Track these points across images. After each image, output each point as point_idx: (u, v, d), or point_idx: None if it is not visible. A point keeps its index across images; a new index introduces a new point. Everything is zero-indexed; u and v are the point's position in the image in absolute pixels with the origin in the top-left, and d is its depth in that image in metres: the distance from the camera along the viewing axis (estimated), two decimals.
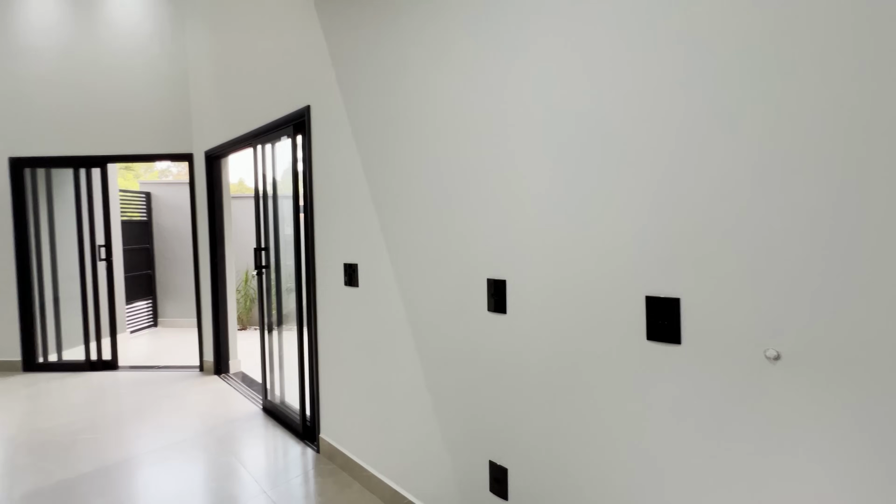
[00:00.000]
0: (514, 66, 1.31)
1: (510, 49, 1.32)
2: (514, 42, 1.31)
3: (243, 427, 2.75)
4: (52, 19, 3.77)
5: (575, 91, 1.18)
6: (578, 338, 1.21)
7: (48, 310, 4.00)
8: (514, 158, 1.33)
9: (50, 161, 3.85)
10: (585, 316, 1.19)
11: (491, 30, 1.37)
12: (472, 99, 1.44)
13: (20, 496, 2.05)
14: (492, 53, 1.37)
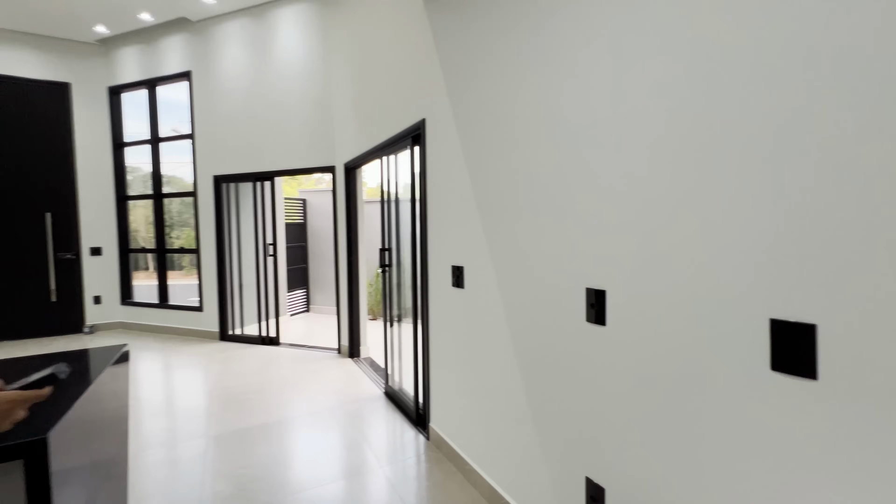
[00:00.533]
0: (632, 71, 1.24)
1: (630, 55, 1.25)
2: (634, 48, 1.24)
3: (368, 407, 3.12)
4: (240, 66, 4.77)
5: (694, 91, 1.07)
6: (686, 360, 1.09)
7: (235, 293, 5.10)
8: (620, 166, 1.26)
9: (237, 177, 4.90)
10: (695, 336, 1.07)
11: (610, 36, 1.31)
12: (576, 106, 1.40)
13: (213, 436, 2.69)
14: (609, 60, 1.31)
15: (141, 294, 5.78)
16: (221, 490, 2.13)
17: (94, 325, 5.54)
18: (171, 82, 5.28)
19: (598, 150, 1.32)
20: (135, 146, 5.62)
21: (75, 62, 5.38)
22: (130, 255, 5.78)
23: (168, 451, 2.53)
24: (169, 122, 5.50)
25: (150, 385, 3.67)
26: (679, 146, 1.09)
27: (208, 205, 5.07)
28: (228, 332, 5.05)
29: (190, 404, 3.27)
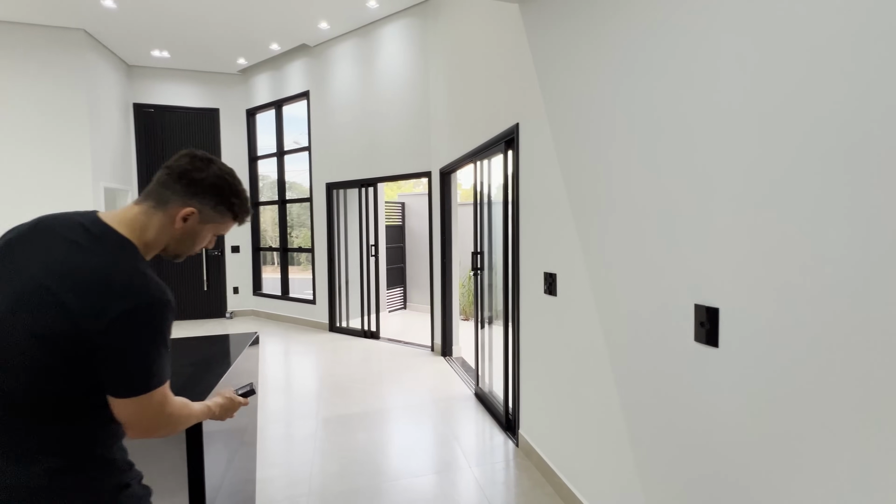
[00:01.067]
0: (767, 63, 1.10)
1: (755, 48, 1.12)
2: (758, 36, 1.10)
3: (458, 406, 3.20)
4: (349, 83, 5.24)
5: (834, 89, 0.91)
6: (818, 403, 0.92)
7: (342, 289, 5.61)
8: (738, 173, 1.12)
9: (346, 184, 5.38)
10: (839, 375, 0.90)
11: (723, 27, 1.19)
12: (687, 104, 1.28)
13: (322, 418, 3.00)
14: (729, 54, 1.18)
15: (267, 286, 6.69)
16: (328, 468, 2.37)
17: (233, 311, 6.55)
18: (294, 102, 6.01)
19: (713, 153, 1.19)
20: (265, 159, 6.52)
21: (222, 91, 6.42)
22: (260, 253, 6.71)
23: (286, 427, 2.90)
24: (291, 136, 6.27)
25: (273, 367, 4.23)
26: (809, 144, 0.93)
27: (321, 209, 5.65)
28: (336, 324, 5.57)
29: (304, 387, 3.70)
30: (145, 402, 0.78)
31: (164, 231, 0.87)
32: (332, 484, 2.22)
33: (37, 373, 0.73)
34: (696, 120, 1.23)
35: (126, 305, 0.74)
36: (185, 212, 0.88)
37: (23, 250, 0.78)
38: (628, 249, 1.54)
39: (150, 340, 0.77)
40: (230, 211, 0.95)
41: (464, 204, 5.37)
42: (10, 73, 4.72)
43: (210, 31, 5.05)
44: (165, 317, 0.80)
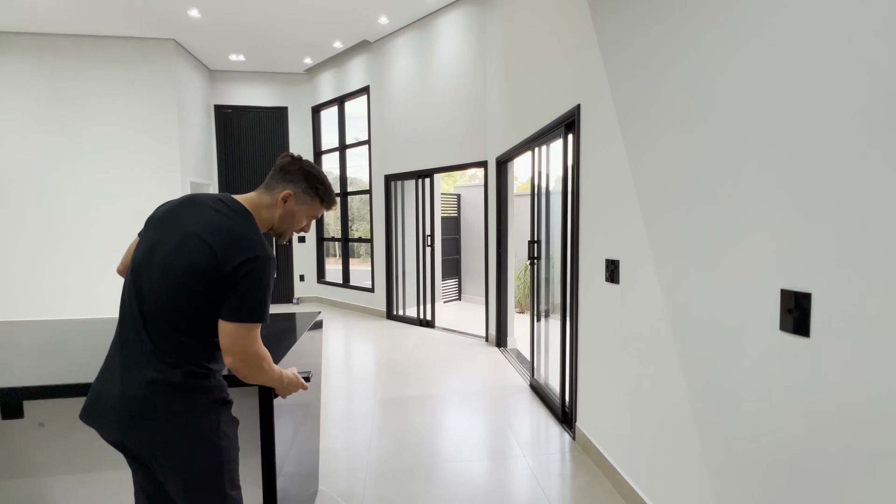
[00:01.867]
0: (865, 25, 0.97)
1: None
2: None
3: (513, 396, 3.17)
4: (407, 76, 5.33)
5: None
6: None
7: (399, 279, 5.76)
8: (837, 141, 0.99)
9: (403, 175, 5.50)
10: None
11: None
12: (772, 78, 1.15)
13: (379, 399, 3.12)
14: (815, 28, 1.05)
15: (330, 276, 7.05)
16: (385, 446, 2.46)
17: (300, 297, 6.99)
18: (355, 97, 6.23)
19: (799, 128, 1.06)
20: (329, 153, 6.84)
21: (290, 90, 6.82)
22: (324, 243, 7.08)
23: (347, 405, 3.05)
24: (352, 132, 6.52)
25: (335, 349, 4.46)
26: None
27: (380, 200, 5.83)
28: (393, 312, 5.75)
29: (363, 370, 3.86)
30: (244, 330, 1.02)
31: (272, 210, 1.16)
32: (389, 460, 2.31)
33: (190, 297, 1.00)
34: (780, 97, 1.10)
35: (249, 255, 1.02)
36: (285, 194, 1.15)
37: (183, 213, 1.08)
38: (701, 232, 1.42)
39: (258, 283, 1.03)
40: (317, 195, 1.21)
41: (519, 195, 5.27)
42: (109, 81, 5.35)
43: (280, 34, 5.37)
44: (272, 269, 1.06)
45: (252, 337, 1.05)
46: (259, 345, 1.07)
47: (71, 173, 5.32)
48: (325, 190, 1.23)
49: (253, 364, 1.07)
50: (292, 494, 1.57)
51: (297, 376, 1.27)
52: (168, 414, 1.02)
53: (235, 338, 1.02)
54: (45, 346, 1.70)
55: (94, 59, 5.32)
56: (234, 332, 1.02)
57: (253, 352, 1.05)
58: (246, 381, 1.11)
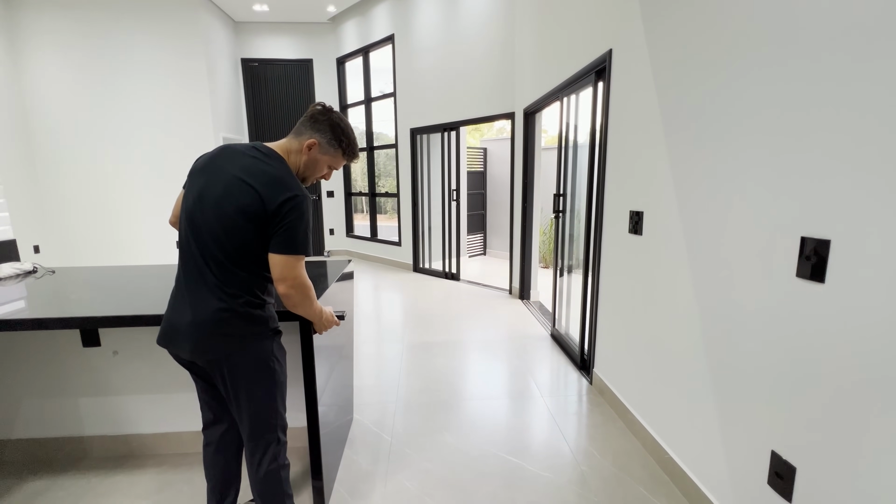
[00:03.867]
0: None
1: None
2: None
3: (534, 345, 3.30)
4: (433, 23, 5.13)
5: None
6: None
7: (425, 233, 5.87)
8: (859, 90, 0.95)
9: (429, 129, 5.45)
10: None
11: None
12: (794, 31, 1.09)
13: (407, 343, 3.32)
14: None
15: (358, 230, 7.24)
16: (413, 384, 2.66)
17: (330, 250, 7.26)
18: (379, 47, 6.08)
19: (835, 74, 1.01)
20: (354, 107, 6.80)
21: (315, 41, 6.71)
22: (352, 198, 7.22)
23: (377, 348, 3.27)
24: (377, 85, 6.42)
25: (364, 299, 4.69)
26: None
27: (406, 154, 5.84)
28: (419, 265, 5.91)
29: (391, 317, 4.07)
30: (292, 261, 1.15)
31: (299, 156, 1.24)
32: (416, 396, 2.51)
33: (243, 234, 1.13)
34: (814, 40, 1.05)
35: (289, 194, 1.13)
36: (310, 142, 1.23)
37: (222, 161, 1.18)
38: (728, 181, 1.41)
39: (300, 219, 1.14)
40: (340, 146, 1.27)
41: (546, 148, 5.15)
42: (140, 35, 5.42)
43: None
44: (309, 207, 1.17)
45: (300, 267, 1.17)
46: (305, 275, 1.20)
47: (110, 130, 5.56)
48: (349, 143, 1.28)
49: (301, 291, 1.19)
50: (330, 420, 1.76)
51: (332, 314, 1.41)
52: (232, 337, 1.17)
53: (286, 268, 1.14)
54: (114, 286, 1.91)
55: (127, 12, 5.37)
56: (284, 263, 1.14)
57: (301, 280, 1.18)
58: (294, 310, 1.25)
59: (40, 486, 1.78)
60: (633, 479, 1.80)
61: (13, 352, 1.86)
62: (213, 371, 1.21)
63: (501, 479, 1.81)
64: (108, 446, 1.95)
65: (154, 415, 1.95)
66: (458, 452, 1.99)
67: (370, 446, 2.04)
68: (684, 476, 1.69)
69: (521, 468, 1.88)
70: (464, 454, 1.98)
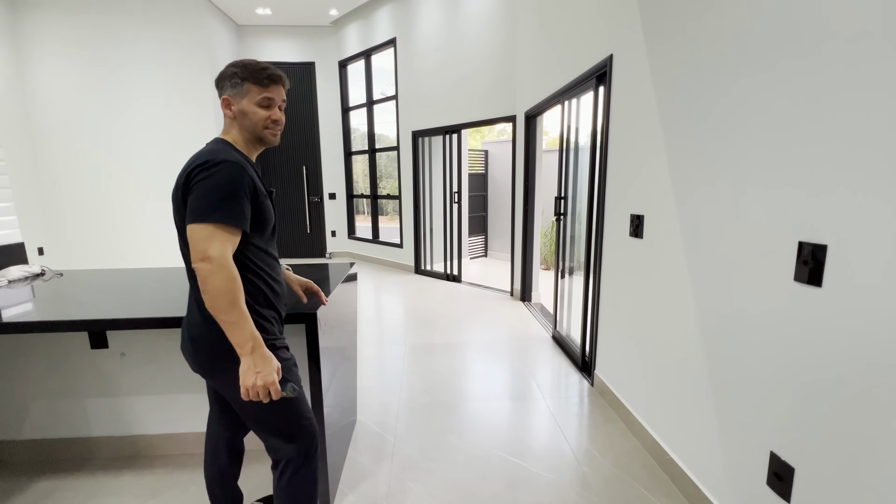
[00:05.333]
0: None
1: None
2: None
3: (535, 346, 3.32)
4: (434, 26, 5.16)
5: None
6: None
7: (427, 235, 5.90)
8: (858, 97, 0.98)
9: (430, 132, 5.48)
10: None
11: None
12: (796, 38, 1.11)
13: (409, 344, 3.34)
14: None
15: (360, 232, 7.27)
16: (415, 385, 2.69)
17: (331, 252, 7.29)
18: (381, 50, 6.12)
19: (835, 82, 1.04)
20: (356, 109, 6.84)
21: (317, 44, 6.75)
22: (353, 200, 7.25)
23: (379, 349, 3.29)
24: (379, 87, 6.45)
25: (366, 301, 4.72)
26: None
27: (408, 157, 5.87)
28: (421, 266, 5.94)
29: (393, 319, 4.10)
30: (199, 231, 0.98)
31: (232, 123, 1.14)
32: (418, 397, 2.53)
33: (180, 229, 1.07)
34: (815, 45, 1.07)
35: (199, 161, 1.03)
36: (221, 101, 1.14)
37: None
38: (727, 186, 1.44)
39: (208, 180, 1.00)
40: (240, 78, 1.11)
41: (548, 150, 5.17)
42: (145, 38, 5.46)
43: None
44: (226, 171, 1.01)
45: (211, 240, 0.97)
46: (214, 245, 0.97)
47: (114, 132, 5.60)
48: (246, 69, 1.11)
49: (211, 274, 0.96)
50: (335, 421, 1.79)
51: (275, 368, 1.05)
52: (214, 354, 1.07)
53: (193, 240, 0.98)
54: (121, 288, 1.93)
55: (130, 16, 5.41)
56: (191, 235, 0.98)
57: (210, 255, 0.96)
58: (206, 297, 0.99)
59: (49, 486, 1.80)
60: (633, 480, 1.82)
61: (22, 353, 1.89)
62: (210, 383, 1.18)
63: (503, 480, 1.83)
64: (116, 447, 1.98)
65: (160, 416, 1.98)
66: (461, 453, 2.01)
67: (374, 447, 2.06)
68: (684, 476, 1.70)
69: (523, 469, 1.90)
70: (466, 455, 2.00)
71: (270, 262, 1.18)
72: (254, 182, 1.07)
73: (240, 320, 1.00)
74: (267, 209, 1.13)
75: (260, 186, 1.10)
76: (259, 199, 1.09)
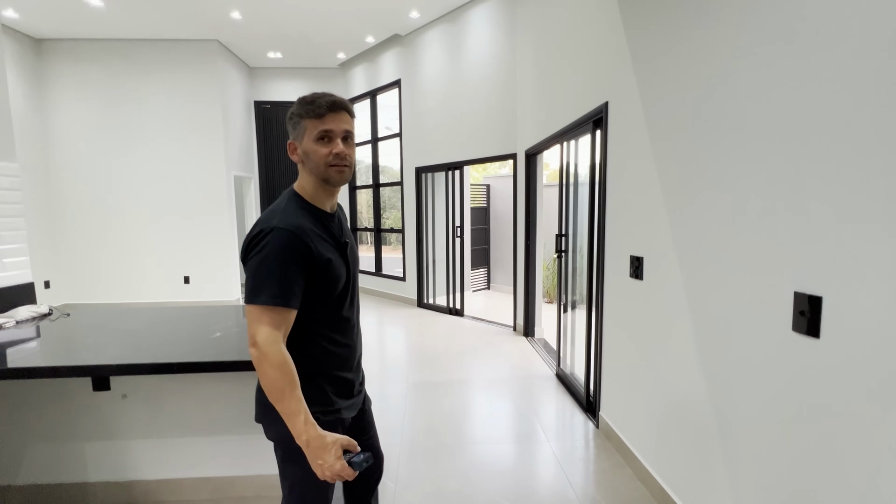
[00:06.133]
0: None
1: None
2: None
3: (539, 385, 3.27)
4: (438, 68, 5.39)
5: None
6: None
7: (429, 268, 5.93)
8: (850, 152, 1.02)
9: (433, 168, 5.62)
10: None
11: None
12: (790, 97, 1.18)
13: (412, 382, 3.30)
14: None
15: (362, 264, 7.31)
16: (417, 424, 2.64)
17: None
18: (386, 91, 6.36)
19: (823, 139, 1.09)
20: (361, 146, 7.04)
21: (324, 85, 7.03)
22: (357, 233, 7.33)
23: (381, 387, 3.25)
24: (384, 123, 6.67)
25: (368, 335, 4.70)
26: None
27: (411, 192, 5.98)
28: (423, 300, 5.93)
29: (395, 355, 4.07)
30: (247, 311, 0.94)
31: (302, 171, 1.08)
32: (420, 440, 2.48)
33: None
34: (810, 110, 1.13)
35: (253, 233, 0.97)
36: (289, 147, 1.09)
37: None
38: (724, 235, 1.47)
39: (255, 256, 0.94)
40: (301, 117, 1.03)
41: (549, 185, 5.27)
42: (160, 82, 5.73)
43: (315, 30, 5.55)
44: (275, 240, 0.93)
45: (257, 323, 0.91)
46: (262, 329, 0.91)
47: (128, 169, 5.77)
48: (303, 103, 1.03)
49: (256, 359, 0.92)
50: None
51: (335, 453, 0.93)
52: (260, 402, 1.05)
53: (247, 320, 0.94)
54: (127, 330, 1.95)
55: (147, 61, 5.70)
56: (246, 314, 0.95)
57: (255, 341, 0.91)
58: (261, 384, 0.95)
59: None
60: None
61: (23, 396, 1.89)
62: None
63: None
64: (111, 492, 1.94)
65: (157, 460, 1.95)
66: (464, 498, 1.95)
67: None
68: None
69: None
70: (470, 501, 1.94)
71: (340, 324, 1.08)
72: (309, 248, 0.97)
73: (292, 410, 0.92)
74: (331, 272, 1.01)
75: (318, 250, 0.99)
76: (319, 265, 0.98)
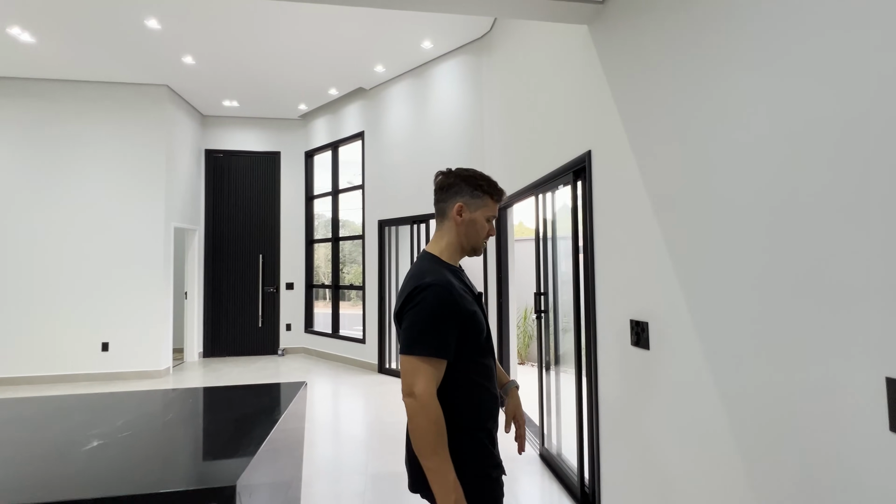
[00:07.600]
0: None
1: None
2: None
3: (521, 469, 2.81)
4: (402, 122, 5.30)
5: None
6: None
7: (392, 329, 5.44)
8: None
9: (397, 221, 5.34)
10: None
11: None
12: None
13: (371, 474, 2.74)
14: None
15: (318, 322, 6.67)
16: None
17: (285, 348, 6.57)
18: (349, 143, 6.18)
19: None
20: (321, 198, 6.70)
21: (284, 135, 6.78)
22: (313, 290, 6.77)
23: (333, 483, 2.66)
24: (345, 176, 6.42)
25: (321, 411, 4.06)
26: None
27: (373, 246, 5.62)
28: (385, 365, 5.37)
29: (352, 436, 3.47)
30: (404, 363, 1.03)
31: (452, 231, 1.18)
32: None
33: None
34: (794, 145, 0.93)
35: (410, 288, 1.07)
36: (457, 207, 1.17)
37: None
38: (761, 294, 1.21)
39: (414, 308, 1.04)
40: (485, 192, 1.18)
41: (520, 239, 5.10)
42: (99, 125, 5.24)
43: (275, 81, 5.36)
44: (433, 295, 1.04)
45: (414, 373, 1.01)
46: (420, 380, 1.00)
47: (52, 222, 5.07)
48: (489, 184, 1.20)
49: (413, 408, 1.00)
50: None
51: None
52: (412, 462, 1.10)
53: (402, 372, 1.03)
54: (40, 440, 1.36)
55: (86, 104, 5.23)
56: (401, 366, 1.04)
57: (413, 390, 1.00)
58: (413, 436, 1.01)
59: None
60: None
61: None
62: None
63: None
64: None
65: None
66: None
67: None
68: None
69: None
70: None
71: (488, 371, 1.17)
72: (462, 299, 1.09)
73: (440, 469, 0.99)
74: (477, 322, 1.12)
75: (467, 301, 1.11)
76: (468, 315, 1.09)
